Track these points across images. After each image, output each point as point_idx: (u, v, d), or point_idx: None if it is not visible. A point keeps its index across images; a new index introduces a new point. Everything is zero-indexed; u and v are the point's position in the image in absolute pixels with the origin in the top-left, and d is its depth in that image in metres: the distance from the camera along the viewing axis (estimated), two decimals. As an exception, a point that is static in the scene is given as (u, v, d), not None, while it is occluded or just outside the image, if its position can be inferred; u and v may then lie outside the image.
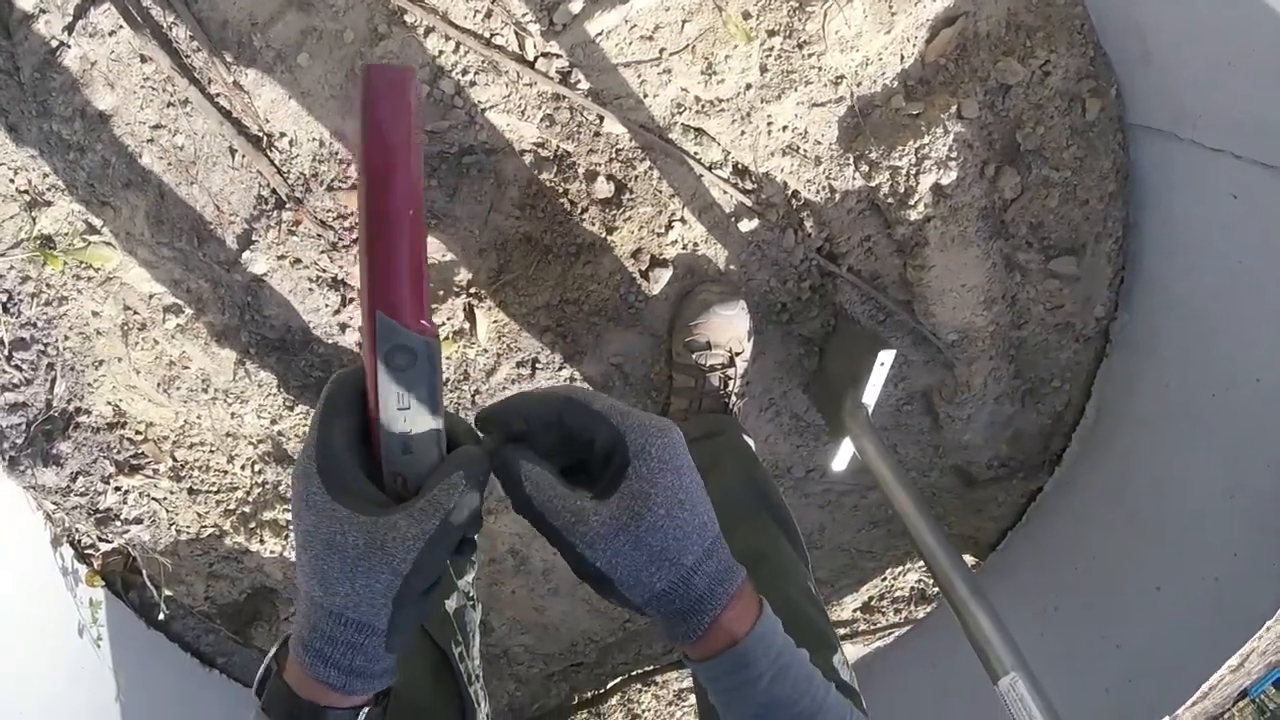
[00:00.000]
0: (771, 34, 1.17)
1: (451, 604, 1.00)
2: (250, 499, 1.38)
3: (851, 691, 0.89)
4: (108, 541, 1.35)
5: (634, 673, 1.68)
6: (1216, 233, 1.23)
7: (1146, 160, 1.29)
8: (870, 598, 1.68)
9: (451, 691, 0.91)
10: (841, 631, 1.69)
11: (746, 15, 1.16)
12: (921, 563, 1.48)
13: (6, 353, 1.24)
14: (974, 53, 1.20)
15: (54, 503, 1.30)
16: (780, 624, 0.53)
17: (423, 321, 0.46)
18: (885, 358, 1.21)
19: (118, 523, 1.34)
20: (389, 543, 0.43)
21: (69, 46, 1.12)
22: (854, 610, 1.69)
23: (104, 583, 1.34)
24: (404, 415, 0.47)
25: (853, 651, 1.69)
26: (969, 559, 1.62)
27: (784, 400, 1.43)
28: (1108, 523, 1.41)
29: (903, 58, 1.20)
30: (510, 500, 0.50)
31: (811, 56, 1.19)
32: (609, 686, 1.69)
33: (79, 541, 1.34)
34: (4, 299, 1.22)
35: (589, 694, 1.70)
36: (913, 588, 1.67)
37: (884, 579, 1.66)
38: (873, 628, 1.68)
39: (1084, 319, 1.38)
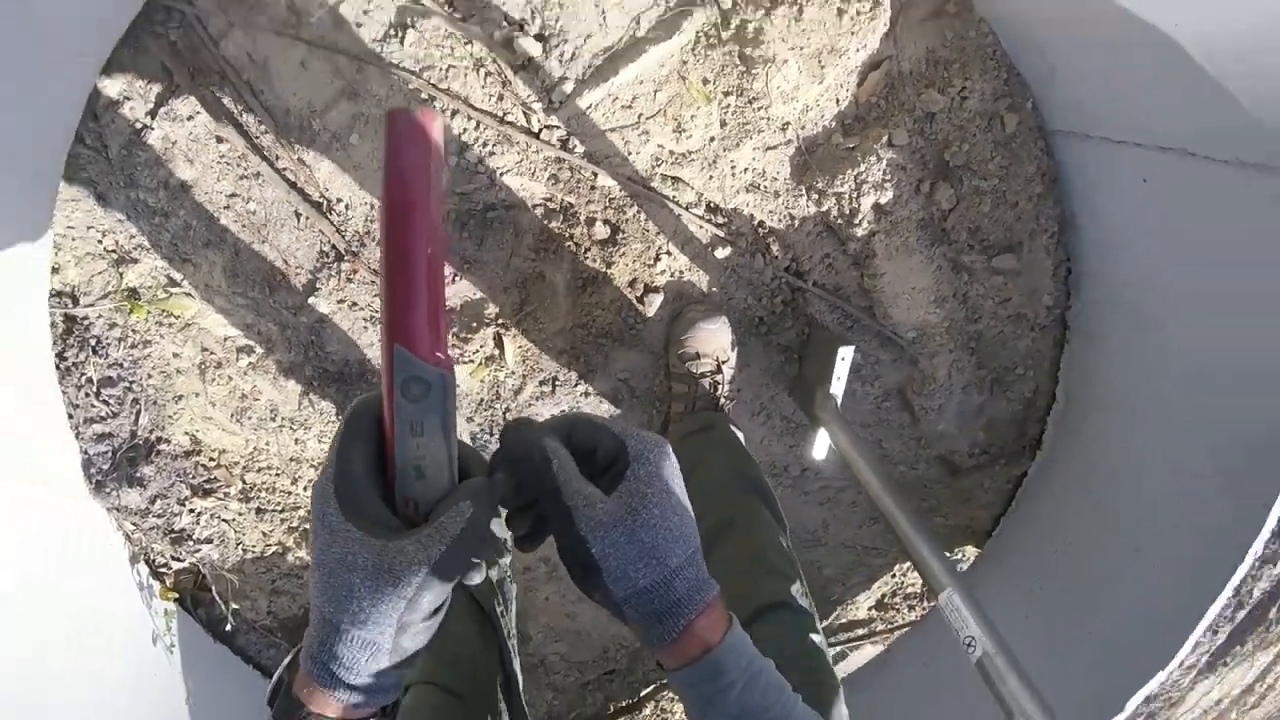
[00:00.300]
0: (727, 94, 1.38)
1: (494, 574, 1.13)
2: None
3: (806, 614, 0.99)
4: (180, 560, 1.49)
5: (664, 680, 1.74)
6: (1131, 223, 1.35)
7: (1068, 161, 1.43)
8: (883, 595, 1.73)
9: (492, 642, 1.04)
10: (859, 632, 1.74)
11: (705, 81, 1.38)
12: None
13: (95, 389, 1.39)
14: (900, 89, 1.40)
15: (133, 523, 1.45)
16: (749, 639, 0.55)
17: (438, 354, 0.47)
18: (845, 353, 1.37)
19: (190, 542, 1.49)
20: (396, 566, 0.45)
21: (152, 129, 1.28)
22: (869, 609, 1.74)
23: (176, 597, 1.48)
24: (417, 443, 0.48)
25: (870, 651, 1.73)
26: (970, 550, 1.69)
27: (772, 404, 1.58)
28: (1079, 506, 1.47)
29: (838, 101, 1.41)
30: (526, 481, 0.52)
31: (761, 109, 1.39)
32: (642, 695, 1.74)
33: (154, 560, 1.48)
34: (93, 343, 1.36)
35: (623, 703, 1.74)
36: (924, 584, 1.73)
37: (894, 575, 1.72)
38: (890, 626, 1.72)
39: (1034, 309, 1.52)
